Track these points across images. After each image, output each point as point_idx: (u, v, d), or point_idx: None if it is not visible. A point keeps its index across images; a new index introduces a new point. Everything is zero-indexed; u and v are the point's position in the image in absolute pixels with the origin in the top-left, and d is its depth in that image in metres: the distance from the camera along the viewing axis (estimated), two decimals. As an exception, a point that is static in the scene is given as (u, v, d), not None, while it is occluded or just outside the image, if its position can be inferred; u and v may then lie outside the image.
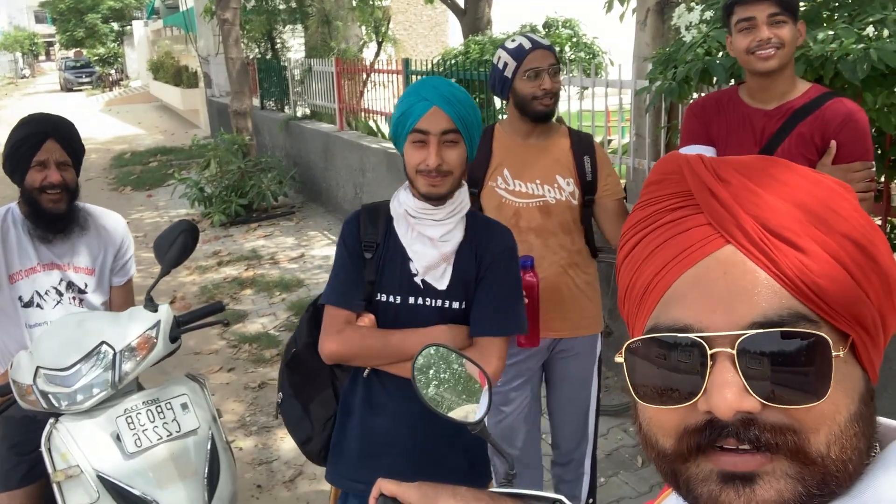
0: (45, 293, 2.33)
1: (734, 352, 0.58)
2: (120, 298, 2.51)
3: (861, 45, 2.35)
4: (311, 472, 3.58)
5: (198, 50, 15.11)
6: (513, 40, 2.47)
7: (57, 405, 1.99)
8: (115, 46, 41.28)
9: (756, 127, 2.21)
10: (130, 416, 2.03)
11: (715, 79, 2.88)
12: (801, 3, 2.75)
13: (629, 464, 3.53)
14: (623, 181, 5.43)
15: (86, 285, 2.39)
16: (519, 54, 2.39)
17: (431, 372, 1.47)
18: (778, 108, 2.19)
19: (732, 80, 2.91)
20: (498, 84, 2.48)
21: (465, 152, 1.75)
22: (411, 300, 1.81)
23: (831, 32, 2.46)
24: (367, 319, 1.80)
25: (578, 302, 2.56)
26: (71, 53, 47.01)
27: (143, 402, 2.07)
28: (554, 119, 2.54)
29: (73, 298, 2.37)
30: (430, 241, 1.79)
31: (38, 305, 2.32)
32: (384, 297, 1.82)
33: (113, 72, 39.60)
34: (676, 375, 0.60)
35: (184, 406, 2.11)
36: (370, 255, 1.83)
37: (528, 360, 2.58)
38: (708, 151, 2.26)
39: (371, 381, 1.87)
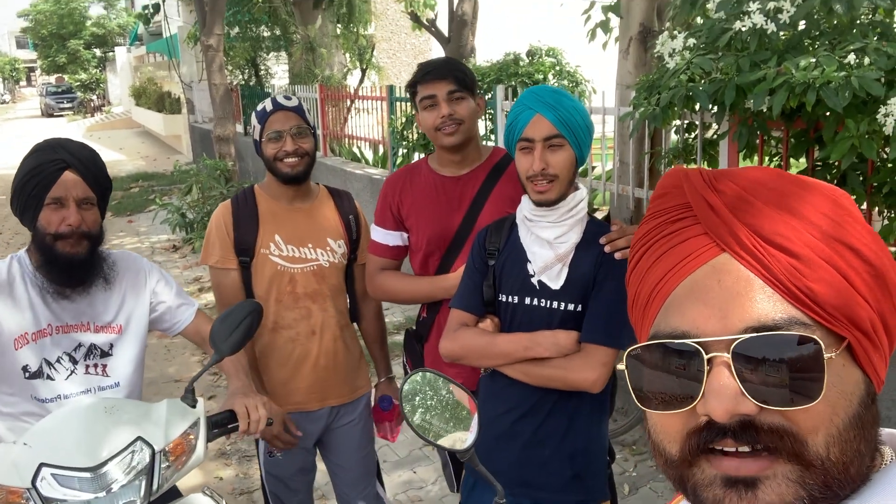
0: (56, 361, 1.90)
1: (729, 356, 0.59)
2: (203, 330, 2.11)
3: (843, 73, 2.37)
4: (293, 501, 3.51)
5: (181, 76, 15.11)
6: (262, 103, 2.43)
7: None
8: (98, 72, 41.24)
9: (452, 193, 2.28)
10: None
11: (698, 105, 2.90)
12: (782, 33, 2.79)
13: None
14: (606, 207, 5.47)
15: (111, 346, 1.97)
16: (262, 117, 2.35)
17: (418, 399, 1.45)
18: (470, 172, 2.29)
19: (715, 108, 2.93)
20: (254, 146, 2.46)
21: (572, 155, 1.80)
22: (527, 300, 1.86)
23: (813, 60, 2.48)
24: (490, 322, 1.89)
25: (356, 362, 2.55)
26: (52, 79, 46.90)
27: None
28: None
29: (95, 366, 1.94)
30: (546, 243, 1.84)
31: (48, 377, 1.89)
32: (504, 298, 1.89)
33: (95, 97, 39.54)
34: (675, 381, 0.62)
35: None
36: (493, 262, 1.92)
37: (303, 435, 2.41)
38: (393, 238, 2.35)
39: (488, 379, 1.95)
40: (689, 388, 0.61)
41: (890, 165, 2.76)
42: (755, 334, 0.59)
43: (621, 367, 0.67)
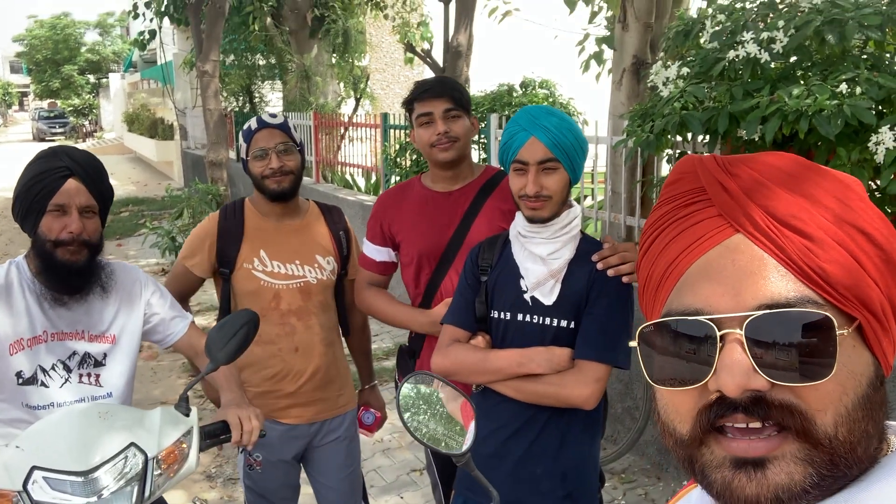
0: (51, 368, 1.88)
1: (742, 333, 0.60)
2: (196, 343, 2.11)
3: (835, 102, 2.41)
4: (278, 526, 3.46)
5: (175, 102, 15.17)
6: (248, 122, 2.44)
7: None
8: (91, 98, 41.33)
9: (443, 208, 2.31)
10: None
11: (690, 134, 2.94)
12: (773, 64, 2.84)
13: (605, 520, 3.46)
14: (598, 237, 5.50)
15: (104, 356, 1.96)
16: (247, 135, 2.36)
17: (408, 415, 1.44)
18: (462, 188, 2.32)
19: (708, 136, 2.96)
20: (241, 165, 2.46)
21: (566, 176, 1.82)
22: (520, 317, 1.86)
23: (805, 89, 2.52)
24: (481, 339, 1.88)
25: (341, 379, 2.53)
26: (45, 104, 46.97)
27: None
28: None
29: (88, 375, 1.93)
30: (539, 259, 1.84)
31: (43, 384, 1.87)
32: (496, 314, 1.90)
33: (87, 123, 39.56)
34: (688, 358, 0.63)
35: None
36: (485, 278, 1.93)
37: (283, 448, 2.45)
38: (380, 253, 2.38)
39: (479, 397, 1.93)
40: (701, 365, 0.61)
41: (879, 195, 2.80)
42: (768, 311, 0.60)
43: (633, 344, 0.67)
